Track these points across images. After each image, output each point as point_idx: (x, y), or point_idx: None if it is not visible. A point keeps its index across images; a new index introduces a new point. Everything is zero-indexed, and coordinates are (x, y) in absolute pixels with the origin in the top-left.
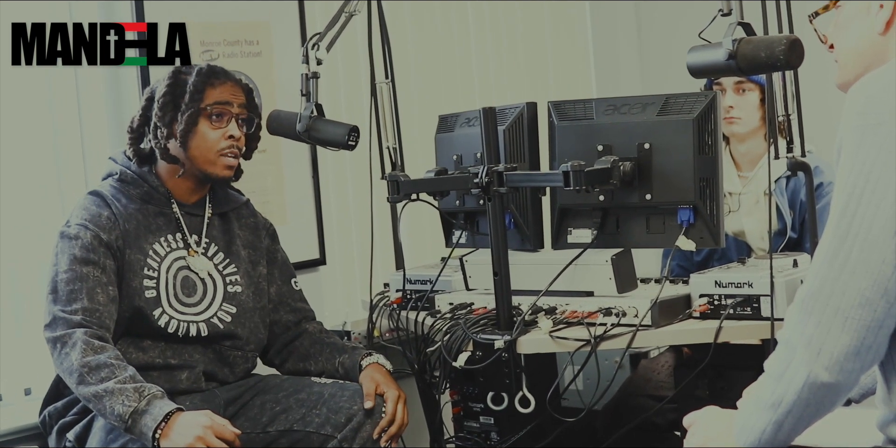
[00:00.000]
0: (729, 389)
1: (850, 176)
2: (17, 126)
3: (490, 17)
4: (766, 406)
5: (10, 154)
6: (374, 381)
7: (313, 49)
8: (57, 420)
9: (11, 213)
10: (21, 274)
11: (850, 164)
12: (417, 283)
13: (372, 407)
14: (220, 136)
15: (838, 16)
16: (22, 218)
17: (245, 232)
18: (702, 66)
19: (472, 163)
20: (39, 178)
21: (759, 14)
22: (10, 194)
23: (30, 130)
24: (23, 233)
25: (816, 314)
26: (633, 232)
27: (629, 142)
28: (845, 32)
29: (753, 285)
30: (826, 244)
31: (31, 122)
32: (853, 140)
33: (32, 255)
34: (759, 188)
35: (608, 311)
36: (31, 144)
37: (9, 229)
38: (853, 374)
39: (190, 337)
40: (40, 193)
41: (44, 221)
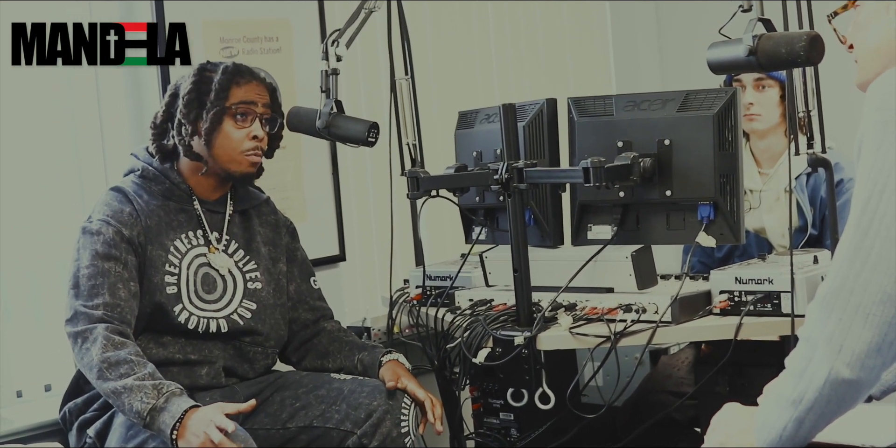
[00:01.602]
0: (749, 386)
1: (871, 172)
2: (37, 123)
3: (510, 14)
4: (787, 403)
5: (31, 151)
6: (395, 373)
7: (333, 46)
8: (77, 416)
9: (32, 209)
10: (41, 270)
11: (870, 160)
12: (437, 279)
13: (394, 387)
14: (245, 136)
15: (857, 16)
16: (42, 214)
17: (265, 229)
18: (722, 62)
19: (491, 159)
20: (60, 175)
21: (780, 10)
22: (30, 191)
23: (50, 127)
24: (43, 229)
25: (838, 311)
26: (653, 228)
27: (649, 138)
28: (864, 32)
29: (774, 282)
30: (847, 241)
31: (51, 118)
32: (873, 136)
33: (53, 252)
34: (779, 185)
35: (628, 308)
36: (52, 141)
37: (29, 226)
38: (874, 370)
39: (210, 333)
40: (61, 190)
41: (64, 218)
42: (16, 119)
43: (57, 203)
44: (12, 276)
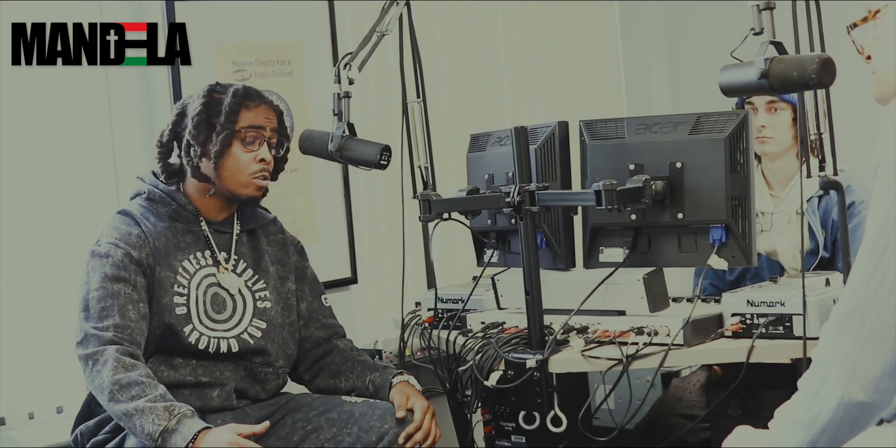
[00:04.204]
0: (761, 409)
1: (888, 195)
2: (47, 141)
3: (521, 37)
4: (800, 425)
5: (42, 171)
6: (404, 394)
7: (345, 69)
8: (89, 438)
9: (42, 232)
10: (52, 293)
11: (887, 182)
12: (449, 301)
13: (403, 417)
14: (252, 160)
15: (876, 28)
16: (52, 237)
17: (273, 248)
18: (734, 85)
19: (503, 182)
20: (70, 198)
21: (791, 33)
22: (41, 214)
23: (61, 146)
24: (53, 252)
25: (852, 333)
26: (664, 251)
27: (661, 161)
28: (883, 45)
29: (786, 304)
30: (862, 263)
31: (63, 138)
32: (891, 157)
33: (63, 274)
34: (791, 207)
35: (640, 331)
36: (63, 161)
37: (39, 248)
38: (888, 393)
39: (221, 353)
40: (71, 213)
41: (73, 241)
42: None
43: (66, 226)
44: (24, 299)
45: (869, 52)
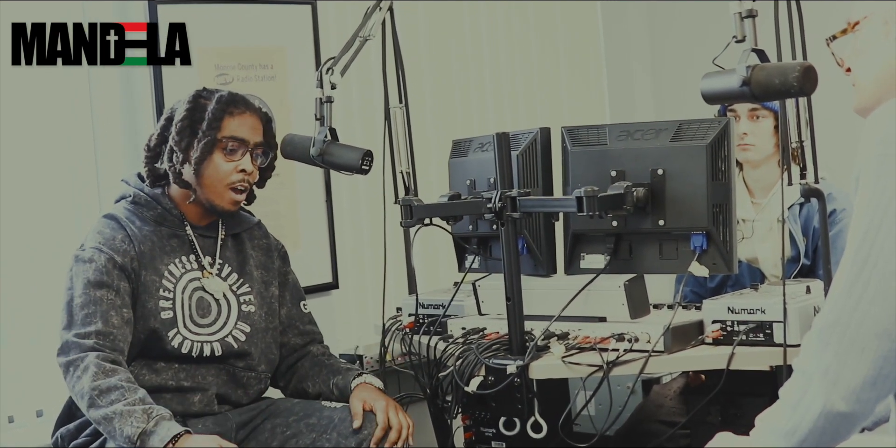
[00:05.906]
0: (741, 416)
1: (869, 205)
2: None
3: (505, 43)
4: (781, 434)
5: (24, 175)
6: (360, 399)
7: (328, 73)
8: (69, 442)
9: (25, 236)
10: (34, 296)
11: (868, 193)
12: (430, 307)
13: (359, 427)
14: (232, 169)
15: (856, 40)
16: (35, 241)
17: (258, 253)
18: (716, 92)
19: (485, 188)
20: (52, 199)
21: (773, 41)
22: (24, 217)
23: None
24: (36, 255)
25: (834, 344)
26: (646, 257)
27: (642, 167)
28: (863, 57)
29: (766, 311)
30: (844, 274)
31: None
32: (872, 169)
33: (44, 277)
34: (772, 215)
35: (621, 337)
36: (45, 163)
37: (23, 252)
38: (869, 403)
39: (203, 357)
40: (54, 217)
41: (57, 244)
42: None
43: (50, 230)
44: (4, 302)
45: (849, 64)
